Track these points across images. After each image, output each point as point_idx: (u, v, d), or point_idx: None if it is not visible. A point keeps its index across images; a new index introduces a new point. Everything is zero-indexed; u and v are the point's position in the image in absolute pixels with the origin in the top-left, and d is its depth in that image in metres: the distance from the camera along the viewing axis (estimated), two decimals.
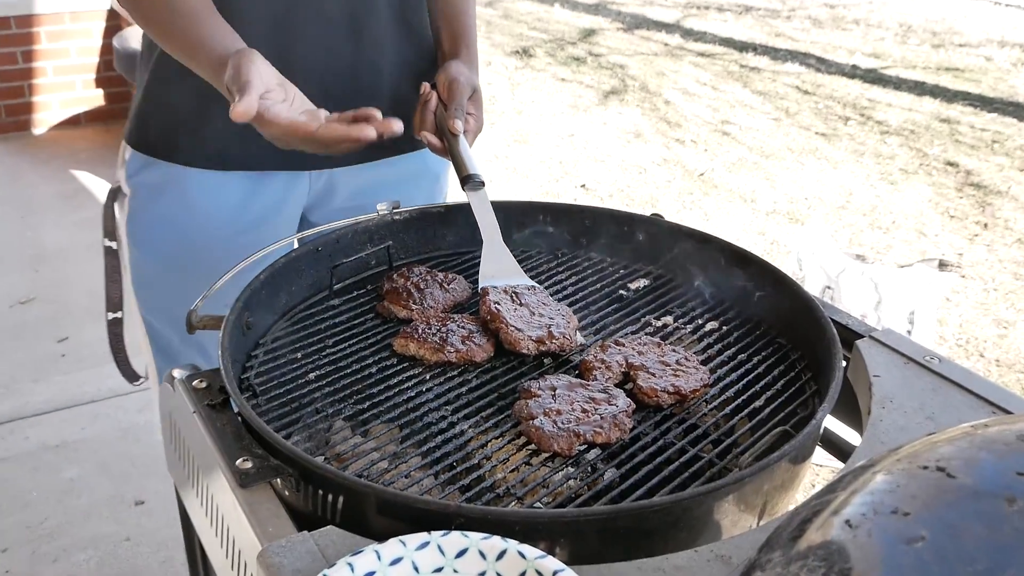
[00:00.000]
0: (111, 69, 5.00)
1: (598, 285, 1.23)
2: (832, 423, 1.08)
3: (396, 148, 1.40)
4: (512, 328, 1.05)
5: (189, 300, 1.27)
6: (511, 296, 1.11)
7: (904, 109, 5.72)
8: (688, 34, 7.60)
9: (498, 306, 1.07)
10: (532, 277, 1.24)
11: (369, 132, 1.03)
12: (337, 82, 1.28)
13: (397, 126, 1.04)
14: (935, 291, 3.09)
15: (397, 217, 1.27)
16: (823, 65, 6.65)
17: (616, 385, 1.00)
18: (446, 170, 1.53)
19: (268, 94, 1.03)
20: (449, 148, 1.21)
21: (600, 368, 1.01)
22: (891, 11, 8.55)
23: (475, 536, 0.69)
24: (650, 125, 5.41)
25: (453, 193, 1.64)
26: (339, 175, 1.39)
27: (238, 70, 1.02)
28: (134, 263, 1.35)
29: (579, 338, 1.09)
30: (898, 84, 6.24)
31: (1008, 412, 0.93)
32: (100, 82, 5.12)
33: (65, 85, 5.07)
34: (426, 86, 1.27)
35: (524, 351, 1.03)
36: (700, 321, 1.16)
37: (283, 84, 1.05)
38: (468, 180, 1.17)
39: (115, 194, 1.38)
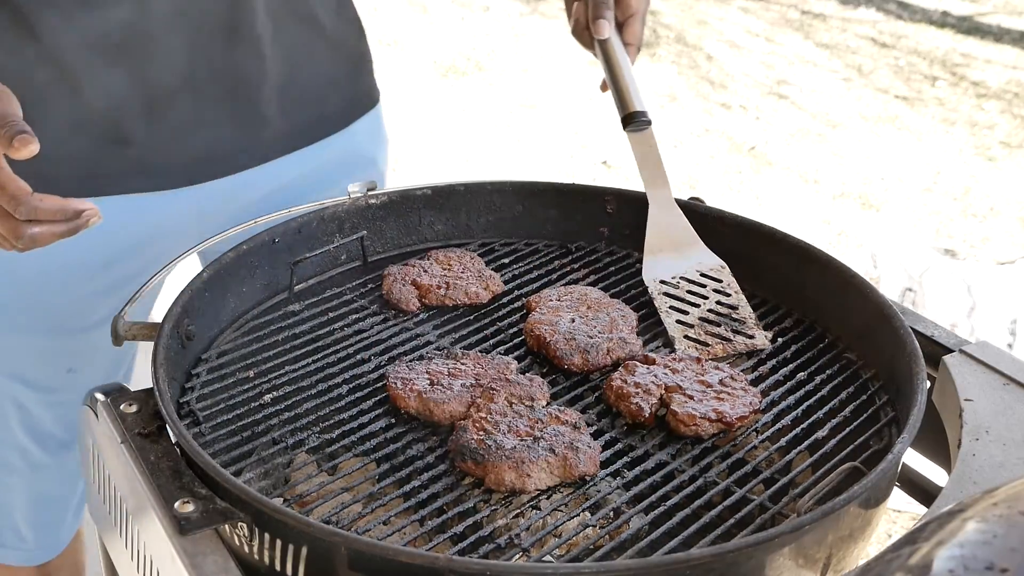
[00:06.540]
0: None
1: (623, 286, 1.24)
2: (913, 458, 1.09)
3: (317, 132, 1.37)
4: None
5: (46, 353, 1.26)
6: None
7: (1007, 67, 5.71)
8: None
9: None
10: (538, 275, 1.25)
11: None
12: (208, 83, 1.24)
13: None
14: None
15: (373, 201, 1.27)
16: (905, 11, 6.65)
17: (650, 412, 1.00)
18: (383, 150, 1.49)
19: None
20: (607, 74, 1.14)
21: (638, 393, 1.01)
22: None
23: None
24: (688, 86, 5.41)
25: (395, 179, 1.59)
26: (246, 177, 1.33)
27: None
28: None
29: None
30: (999, 35, 6.24)
31: None
32: None
33: None
34: None
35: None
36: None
37: None
38: (631, 119, 1.12)
39: None
